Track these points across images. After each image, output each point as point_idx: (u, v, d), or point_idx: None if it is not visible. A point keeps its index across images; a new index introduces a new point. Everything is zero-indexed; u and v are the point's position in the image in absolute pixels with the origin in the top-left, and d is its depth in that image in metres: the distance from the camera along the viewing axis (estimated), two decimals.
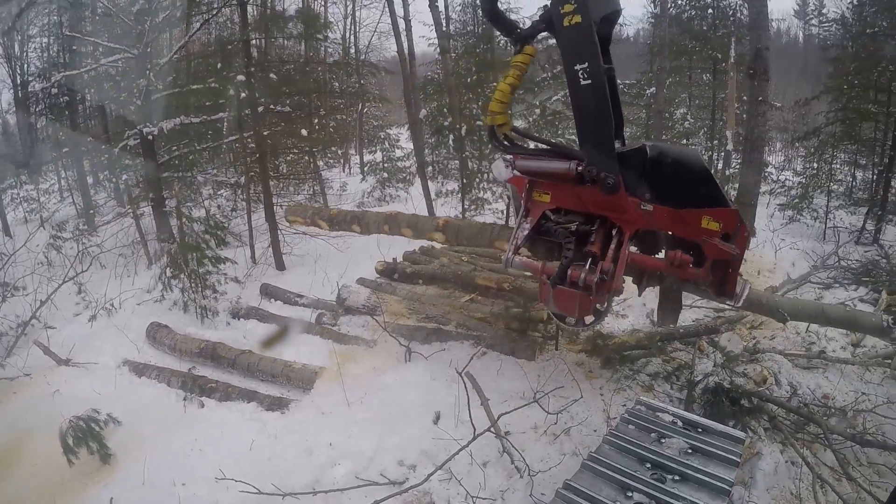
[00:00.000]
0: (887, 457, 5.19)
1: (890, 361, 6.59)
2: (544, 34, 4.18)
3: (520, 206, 4.75)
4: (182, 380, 6.59)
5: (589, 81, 3.85)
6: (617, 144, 4.10)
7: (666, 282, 4.69)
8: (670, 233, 4.26)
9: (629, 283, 4.64)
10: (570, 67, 3.92)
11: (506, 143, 4.33)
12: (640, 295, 4.93)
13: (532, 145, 4.58)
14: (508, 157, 4.41)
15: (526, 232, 4.52)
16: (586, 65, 3.84)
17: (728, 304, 4.98)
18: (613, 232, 4.35)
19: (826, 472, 5.04)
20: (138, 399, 6.30)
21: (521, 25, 4.17)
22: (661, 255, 4.40)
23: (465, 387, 5.35)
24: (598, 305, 4.35)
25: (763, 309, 5.99)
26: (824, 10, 39.58)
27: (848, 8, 17.21)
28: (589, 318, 4.48)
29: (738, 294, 4.26)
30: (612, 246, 4.26)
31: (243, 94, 9.96)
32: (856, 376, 6.56)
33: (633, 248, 4.47)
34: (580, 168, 4.04)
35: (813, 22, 42.84)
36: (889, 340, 6.19)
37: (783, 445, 5.29)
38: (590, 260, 4.20)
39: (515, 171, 4.49)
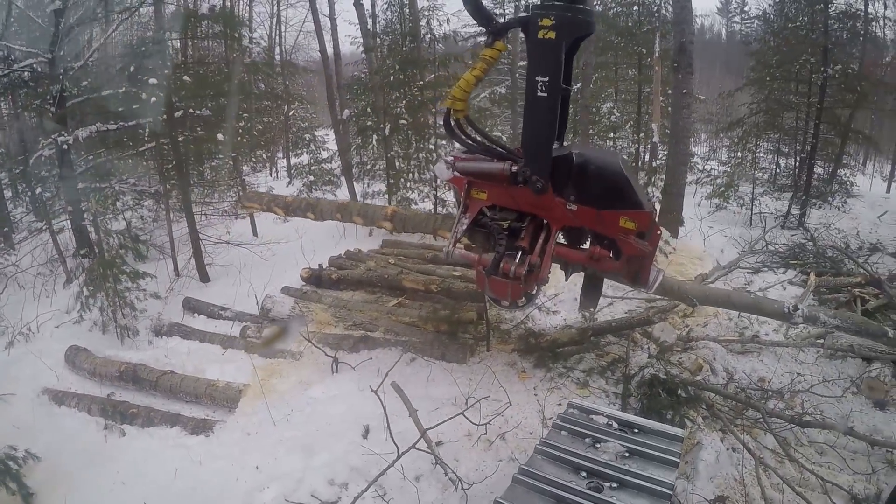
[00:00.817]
0: (827, 435, 5.21)
1: (822, 341, 6.66)
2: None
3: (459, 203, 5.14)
4: (102, 407, 6.17)
5: (545, 94, 4.17)
6: (555, 145, 4.45)
7: (588, 271, 5.13)
8: (592, 229, 4.69)
9: (557, 270, 5.13)
10: (531, 75, 4.20)
11: (457, 130, 4.52)
12: (566, 280, 5.39)
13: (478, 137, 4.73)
14: (449, 159, 4.80)
15: (464, 226, 4.93)
16: (547, 79, 4.14)
17: (642, 291, 5.32)
18: (542, 227, 4.74)
19: (768, 455, 5.02)
20: (58, 431, 5.90)
21: (498, 19, 4.33)
22: (586, 245, 4.82)
23: (383, 401, 5.06)
24: (528, 291, 4.77)
25: (675, 295, 6.23)
26: (746, 8, 41.49)
27: (770, 5, 17.88)
28: (521, 301, 4.81)
29: (651, 282, 4.79)
30: (541, 240, 4.66)
31: (153, 99, 9.36)
32: (790, 358, 6.62)
33: (561, 240, 4.87)
34: (513, 169, 4.41)
35: (735, 19, 44.88)
36: (790, 324, 6.33)
37: (723, 433, 5.23)
38: (520, 253, 4.61)
39: (456, 172, 4.84)
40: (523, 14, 4.51)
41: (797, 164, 15.13)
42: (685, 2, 10.20)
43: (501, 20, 4.31)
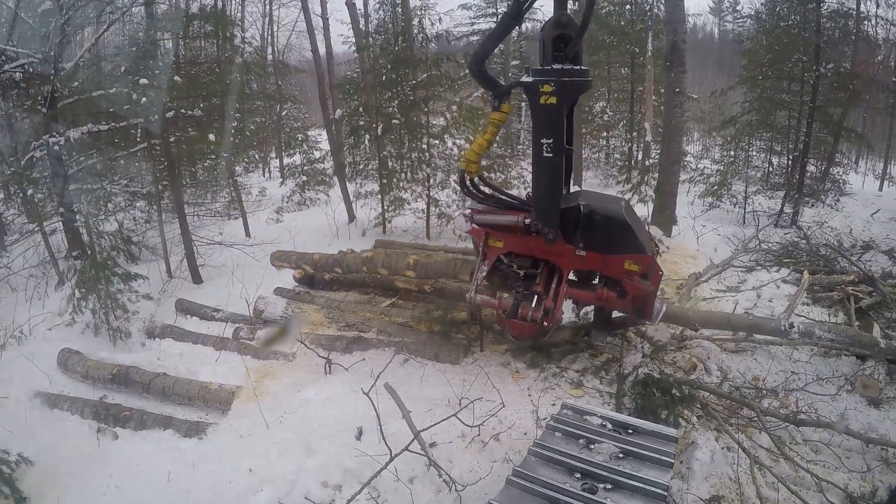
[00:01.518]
0: (822, 433, 5.19)
1: (816, 339, 6.61)
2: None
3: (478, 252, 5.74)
4: (95, 410, 6.12)
5: (550, 155, 4.69)
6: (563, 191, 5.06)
7: (597, 306, 5.79)
8: (599, 272, 5.32)
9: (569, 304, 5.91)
10: (537, 138, 4.72)
11: (472, 189, 5.22)
12: (577, 315, 6.36)
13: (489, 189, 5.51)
14: (467, 212, 5.38)
15: (484, 273, 5.53)
16: (551, 141, 4.66)
17: (648, 323, 5.98)
18: (554, 271, 5.34)
19: (763, 454, 4.99)
20: (51, 434, 5.83)
21: (501, 83, 4.91)
22: (595, 282, 5.49)
23: (375, 404, 5.03)
24: (541, 332, 5.47)
25: (678, 321, 6.60)
26: (739, 7, 41.67)
27: (762, 4, 17.93)
28: (538, 339, 5.60)
29: (655, 315, 5.42)
30: (554, 284, 5.25)
31: (143, 99, 9.29)
32: (784, 356, 6.59)
33: (573, 277, 5.56)
34: (527, 221, 5.02)
35: (728, 18, 45.08)
36: (788, 342, 6.49)
37: (718, 432, 5.20)
38: (535, 297, 5.21)
39: (474, 225, 5.41)
40: (525, 78, 4.77)
41: (790, 162, 15.15)
42: (677, 1, 10.22)
43: (503, 83, 4.89)
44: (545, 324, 5.23)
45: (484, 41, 4.99)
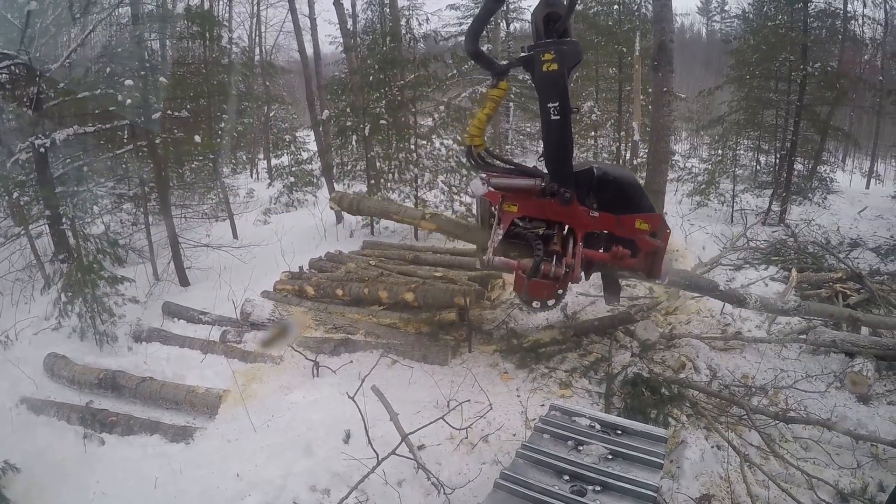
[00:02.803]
0: (812, 430, 5.20)
1: (805, 337, 6.66)
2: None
3: (484, 214, 5.98)
4: (81, 415, 6.02)
5: (558, 117, 4.90)
6: None
7: (607, 270, 5.86)
8: (611, 233, 5.42)
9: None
10: (544, 104, 4.94)
11: (480, 161, 5.42)
12: (586, 279, 6.05)
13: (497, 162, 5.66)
14: (483, 175, 5.42)
15: (500, 236, 5.52)
16: (557, 104, 4.89)
17: (658, 283, 6.27)
18: (567, 233, 5.49)
19: (753, 452, 4.99)
20: (37, 441, 5.72)
21: (498, 62, 5.11)
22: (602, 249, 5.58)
23: (360, 407, 4.93)
24: (559, 291, 5.50)
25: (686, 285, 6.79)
26: (726, 7, 41.95)
27: (749, 4, 18.00)
28: (552, 301, 5.61)
29: (664, 275, 5.54)
30: (571, 245, 5.37)
31: (128, 101, 9.18)
32: (773, 354, 6.62)
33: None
34: (544, 184, 5.16)
35: (715, 18, 45.35)
36: (776, 340, 6.68)
37: (707, 431, 5.20)
38: (554, 257, 5.26)
39: (490, 188, 5.44)
40: (523, 54, 5.07)
41: (777, 160, 15.23)
42: (665, 0, 10.21)
43: (503, 63, 5.11)
44: (565, 282, 5.41)
45: (472, 24, 5.13)
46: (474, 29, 5.09)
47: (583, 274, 5.74)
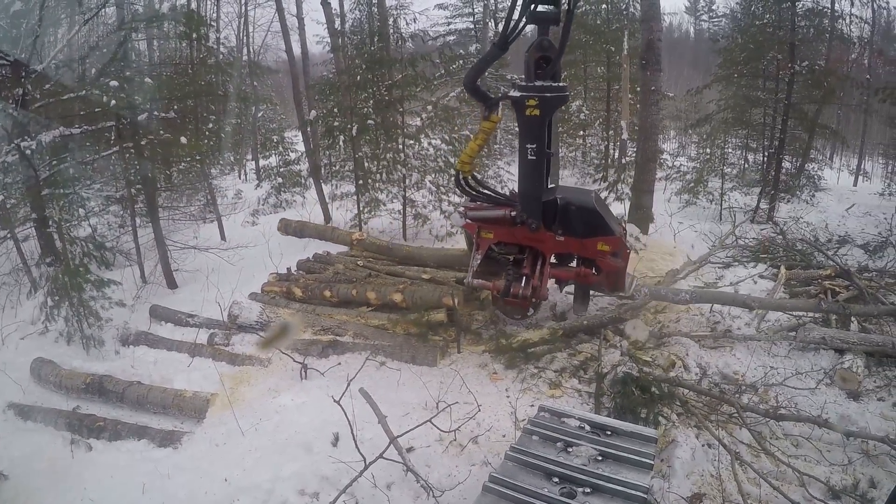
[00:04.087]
0: (802, 427, 5.20)
1: (794, 334, 6.66)
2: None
3: (469, 240, 6.72)
4: (68, 421, 6.00)
5: (534, 158, 5.59)
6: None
7: (576, 284, 6.56)
8: (577, 254, 6.15)
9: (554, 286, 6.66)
10: (523, 143, 5.62)
11: (467, 187, 6.06)
12: (561, 291, 6.99)
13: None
14: (461, 210, 6.17)
15: (478, 261, 6.31)
16: (535, 146, 5.55)
17: (622, 296, 6.72)
18: (538, 256, 6.16)
19: (744, 450, 4.99)
20: (25, 447, 5.71)
21: (492, 95, 5.74)
22: (573, 264, 6.35)
23: (346, 411, 4.90)
24: (530, 307, 6.37)
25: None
26: (714, 6, 42.14)
27: (737, 3, 18.08)
28: (529, 313, 6.45)
29: (628, 287, 6.26)
30: (539, 266, 6.08)
31: (113, 102, 9.08)
32: (763, 351, 6.62)
33: (554, 261, 6.41)
34: (513, 214, 5.85)
35: (703, 17, 45.51)
36: (766, 338, 6.77)
37: (698, 429, 5.20)
38: (524, 279, 6.01)
39: (467, 220, 6.20)
40: (513, 93, 5.62)
41: (765, 158, 15.29)
42: None
43: (493, 96, 5.72)
44: (533, 299, 6.14)
45: (475, 64, 5.92)
46: (476, 69, 5.85)
47: (558, 286, 6.82)
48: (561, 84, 5.70)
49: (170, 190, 13.62)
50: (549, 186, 6.40)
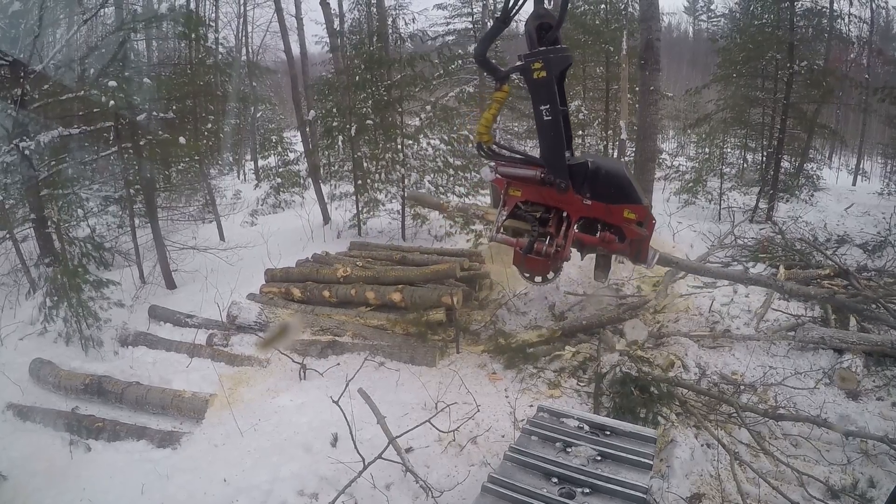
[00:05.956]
0: (801, 427, 5.20)
1: (793, 334, 6.66)
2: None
3: (497, 196, 6.59)
4: (67, 421, 5.96)
5: (549, 118, 5.48)
6: (567, 155, 5.78)
7: (599, 251, 6.35)
8: (603, 219, 5.92)
9: (576, 253, 6.36)
10: (537, 107, 5.52)
11: (490, 152, 5.93)
12: (582, 259, 6.74)
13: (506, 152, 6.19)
14: (492, 164, 5.98)
15: (504, 217, 6.17)
16: (548, 106, 5.45)
17: (644, 266, 6.38)
18: (563, 217, 6.00)
19: (743, 450, 4.99)
20: (24, 447, 5.70)
21: (502, 68, 5.68)
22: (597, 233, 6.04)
23: (345, 412, 4.92)
24: (552, 268, 6.05)
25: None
26: (713, 6, 42.12)
27: (736, 3, 18.04)
28: (549, 276, 6.09)
29: (650, 260, 5.94)
30: (563, 228, 5.92)
31: (112, 102, 9.07)
32: (762, 351, 6.62)
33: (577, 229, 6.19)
34: (543, 174, 5.70)
35: (702, 17, 45.47)
36: (765, 337, 6.77)
37: (697, 429, 5.19)
38: (548, 237, 5.85)
39: (497, 175, 6.05)
40: (518, 63, 5.61)
41: (764, 158, 15.27)
42: None
43: (503, 69, 5.67)
44: (556, 259, 6.00)
45: (482, 38, 5.84)
46: (484, 43, 5.79)
47: (580, 253, 6.55)
48: (563, 45, 5.75)
49: (169, 190, 13.59)
50: (577, 155, 6.47)
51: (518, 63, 5.67)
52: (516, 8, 5.60)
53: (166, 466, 5.13)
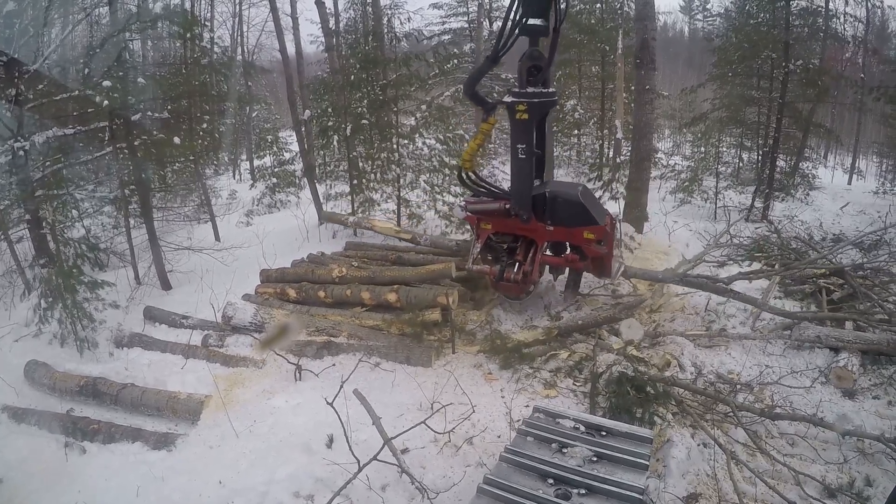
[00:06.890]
0: (798, 426, 5.20)
1: (789, 332, 6.67)
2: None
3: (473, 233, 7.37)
4: (62, 423, 5.94)
5: (523, 157, 6.24)
6: (537, 182, 6.64)
7: (570, 270, 7.23)
8: (566, 242, 6.81)
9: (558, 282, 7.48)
10: (514, 144, 6.28)
11: (469, 182, 6.67)
12: (554, 280, 7.70)
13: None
14: (462, 204, 6.86)
15: (478, 249, 7.03)
16: (524, 146, 6.20)
17: (607, 280, 7.32)
18: (531, 244, 6.79)
19: (739, 449, 4.99)
20: (19, 450, 5.67)
21: (490, 99, 6.39)
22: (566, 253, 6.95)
23: (339, 413, 4.88)
24: (525, 290, 7.01)
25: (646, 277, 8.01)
26: (709, 5, 42.23)
27: (732, 2, 18.07)
28: (523, 296, 7.09)
29: (613, 273, 6.85)
30: (531, 254, 6.72)
31: (107, 102, 9.03)
32: (758, 350, 6.62)
33: (548, 251, 7.02)
34: (507, 207, 6.51)
35: (698, 16, 45.58)
36: (761, 337, 6.84)
37: (693, 429, 5.19)
38: (516, 264, 6.63)
39: (468, 212, 6.87)
40: (507, 99, 6.26)
41: (760, 157, 15.30)
42: None
43: (490, 100, 6.37)
44: (525, 283, 6.79)
45: (472, 73, 6.57)
46: (473, 77, 6.45)
47: (552, 275, 7.56)
48: (549, 90, 6.37)
49: (164, 190, 13.52)
50: (544, 181, 7.12)
51: (506, 99, 6.31)
52: (506, 49, 6.12)
53: (162, 468, 5.10)
